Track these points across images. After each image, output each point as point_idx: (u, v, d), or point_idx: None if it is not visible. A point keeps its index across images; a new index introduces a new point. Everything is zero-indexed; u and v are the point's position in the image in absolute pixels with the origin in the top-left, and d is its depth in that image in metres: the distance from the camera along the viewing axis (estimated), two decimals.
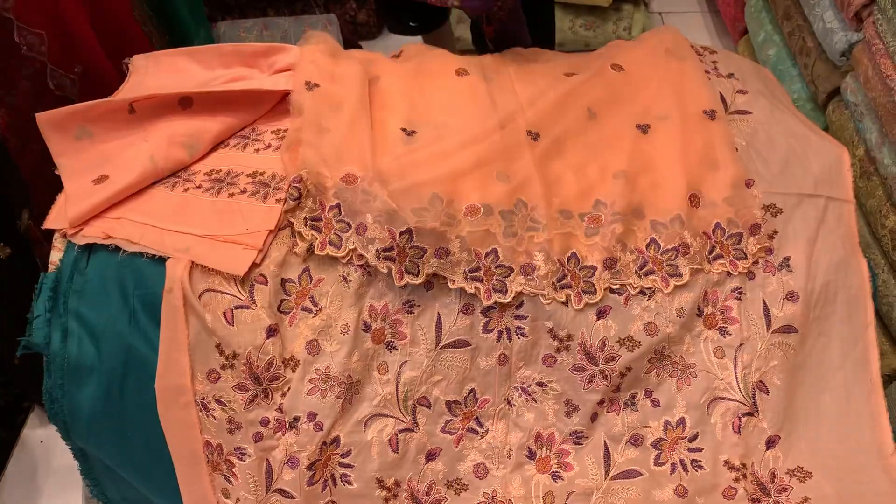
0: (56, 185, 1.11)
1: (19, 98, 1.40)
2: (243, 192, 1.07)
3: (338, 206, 1.02)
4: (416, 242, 0.99)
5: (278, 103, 1.19)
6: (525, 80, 1.22)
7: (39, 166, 1.42)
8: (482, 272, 1.02)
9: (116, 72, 1.51)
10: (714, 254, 1.08)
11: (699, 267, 1.07)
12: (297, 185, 1.02)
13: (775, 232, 1.12)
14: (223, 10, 2.32)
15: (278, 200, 1.04)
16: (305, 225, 1.02)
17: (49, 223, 1.06)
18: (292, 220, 1.02)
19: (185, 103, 1.15)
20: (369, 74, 1.20)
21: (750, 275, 1.09)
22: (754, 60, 2.00)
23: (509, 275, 1.02)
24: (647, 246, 1.07)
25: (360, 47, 2.44)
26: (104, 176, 1.08)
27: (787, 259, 1.10)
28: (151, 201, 1.08)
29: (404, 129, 1.12)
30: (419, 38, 2.09)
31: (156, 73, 1.26)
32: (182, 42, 1.83)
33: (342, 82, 1.15)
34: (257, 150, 1.13)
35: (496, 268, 1.02)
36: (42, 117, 1.10)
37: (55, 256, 1.04)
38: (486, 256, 1.02)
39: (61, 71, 1.36)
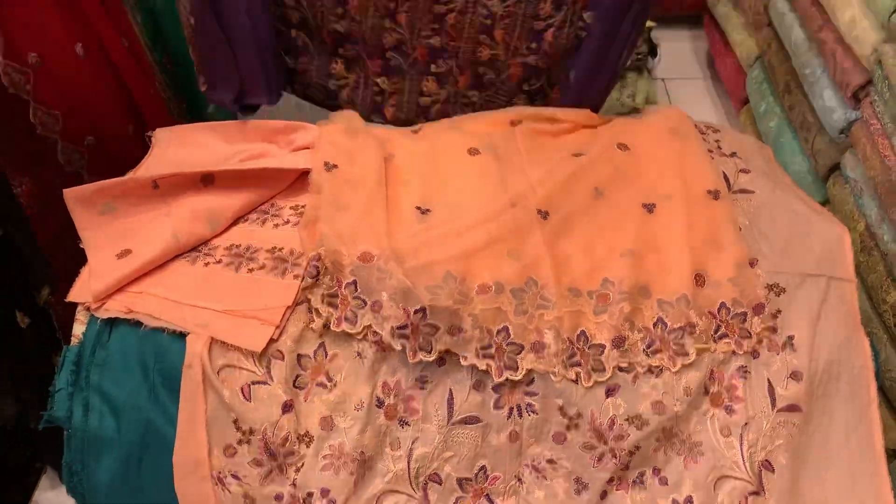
0: (76, 256, 1.15)
1: (44, 170, 1.45)
2: (262, 267, 1.10)
3: (354, 283, 1.05)
4: (429, 320, 1.02)
5: (297, 179, 1.24)
6: (534, 158, 1.26)
7: (60, 236, 1.46)
8: (494, 349, 1.04)
9: (135, 137, 1.57)
10: (720, 333, 1.11)
11: (705, 346, 1.09)
12: (315, 263, 1.05)
13: (779, 311, 1.14)
14: None
15: (296, 276, 1.07)
16: (322, 301, 1.05)
17: (73, 296, 1.09)
18: (310, 296, 1.05)
19: (208, 180, 1.19)
20: (385, 152, 1.25)
21: (755, 354, 1.12)
22: (756, 131, 2.06)
23: (520, 352, 1.05)
24: (655, 325, 1.09)
25: None
26: (127, 250, 1.12)
27: (790, 338, 1.13)
28: (173, 275, 1.11)
29: (419, 208, 1.16)
30: None
31: (178, 146, 1.31)
32: (198, 108, 1.88)
33: (360, 162, 1.20)
34: (276, 226, 1.17)
35: (507, 345, 1.05)
36: (69, 194, 1.14)
37: (78, 329, 1.07)
38: (497, 334, 1.05)
39: (72, 146, 1.41)
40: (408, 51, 1.44)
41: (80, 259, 1.14)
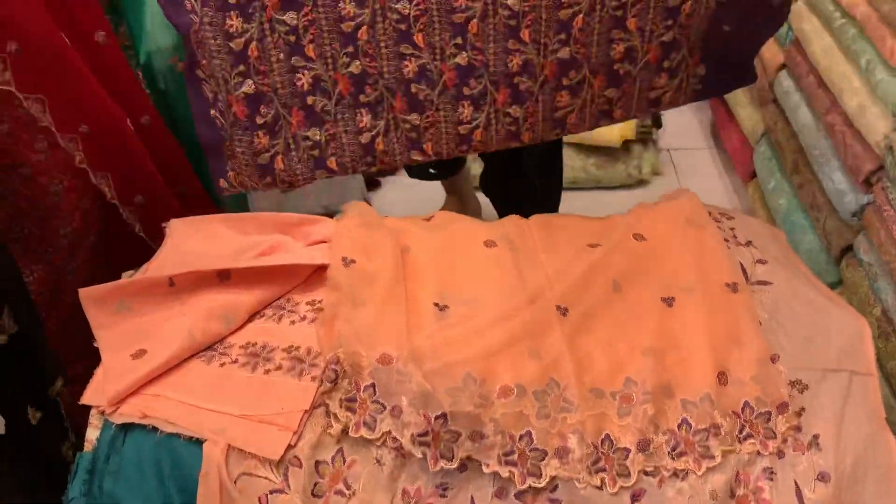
0: (87, 341, 1.14)
1: (55, 255, 1.44)
2: (279, 368, 1.09)
3: (373, 385, 1.04)
4: (451, 426, 1.00)
5: (313, 273, 1.23)
6: (551, 251, 1.26)
7: (70, 322, 1.46)
8: (516, 455, 1.02)
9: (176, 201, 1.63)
10: (744, 433, 1.09)
11: (730, 448, 1.07)
12: (334, 366, 1.04)
13: (802, 409, 1.12)
14: None
15: (313, 378, 1.06)
16: (341, 406, 1.03)
17: (87, 399, 1.07)
18: (328, 401, 1.04)
19: (223, 276, 1.18)
20: (401, 245, 1.24)
21: (780, 454, 1.09)
22: (765, 206, 2.07)
23: (544, 458, 1.03)
24: (679, 426, 1.07)
25: (379, 184, 2.52)
26: (143, 350, 1.10)
27: (815, 437, 1.11)
28: (188, 376, 1.09)
29: (436, 304, 1.15)
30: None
31: (193, 237, 1.31)
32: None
33: (377, 257, 1.19)
34: (293, 322, 1.16)
35: (530, 451, 1.03)
36: (85, 293, 1.13)
37: (92, 434, 1.05)
38: (520, 439, 1.03)
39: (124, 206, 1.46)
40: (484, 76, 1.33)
41: (90, 345, 1.13)
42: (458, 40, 1.26)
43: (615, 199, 2.47)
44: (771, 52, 2.06)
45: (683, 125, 2.80)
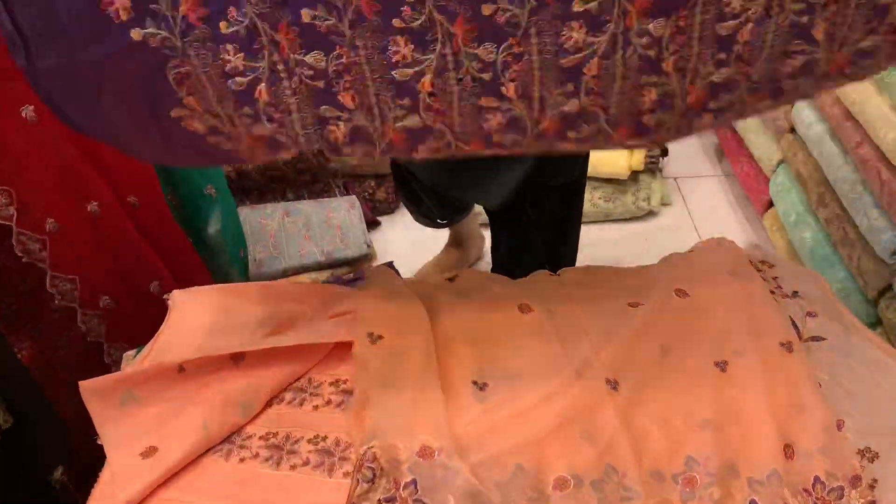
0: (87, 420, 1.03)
1: (45, 332, 1.33)
2: (306, 463, 0.98)
3: (414, 482, 0.94)
4: None
5: (334, 348, 1.13)
6: (591, 313, 1.17)
7: (66, 398, 1.34)
8: None
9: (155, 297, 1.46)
10: None
11: None
12: (370, 464, 0.94)
13: (875, 480, 1.04)
14: (243, 192, 2.30)
15: (346, 474, 0.95)
16: None
17: None
18: (364, 502, 0.93)
19: (237, 357, 1.08)
20: (430, 312, 1.15)
21: None
22: (785, 239, 1.99)
23: None
24: None
25: (379, 223, 2.42)
26: (153, 448, 0.99)
27: None
28: (205, 475, 0.98)
29: (475, 383, 1.05)
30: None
31: (198, 311, 1.21)
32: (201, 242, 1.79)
33: (406, 331, 1.09)
34: (316, 407, 1.06)
35: None
36: (86, 387, 1.02)
37: None
38: None
39: (90, 311, 1.30)
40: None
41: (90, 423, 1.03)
42: (570, 87, 0.98)
43: (625, 231, 2.39)
44: None
45: (687, 151, 2.73)
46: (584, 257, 1.76)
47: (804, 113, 1.85)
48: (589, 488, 0.95)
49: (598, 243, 2.32)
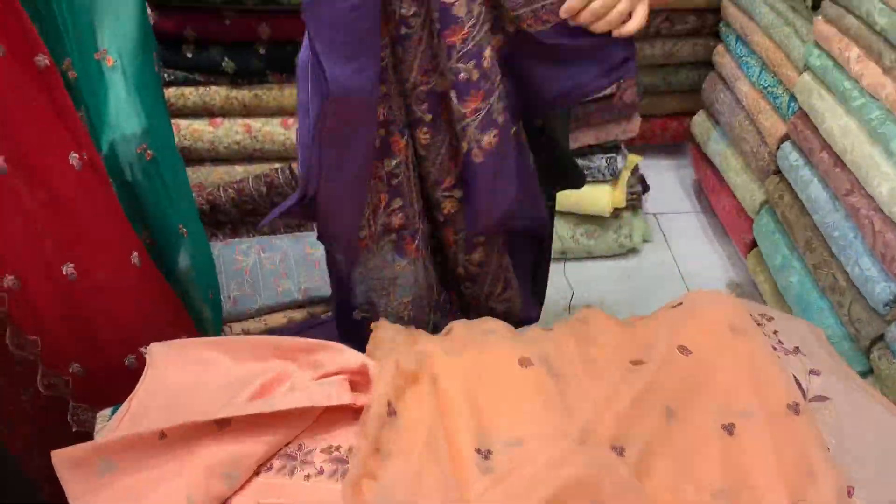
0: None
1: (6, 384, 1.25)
2: None
3: None
4: None
5: (325, 411, 1.06)
6: (593, 372, 1.13)
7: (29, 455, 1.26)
8: None
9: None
10: None
11: None
12: None
13: None
14: (214, 226, 2.22)
15: None
16: None
17: None
18: None
19: (222, 423, 1.01)
20: (427, 373, 1.09)
21: None
22: (770, 281, 1.98)
23: None
24: None
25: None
26: None
27: None
28: None
29: (478, 451, 1.00)
30: None
31: (178, 367, 1.14)
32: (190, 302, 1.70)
33: (409, 398, 1.04)
34: (307, 477, 0.99)
35: None
36: (59, 457, 0.94)
37: None
38: None
39: (55, 374, 1.20)
40: None
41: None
42: None
43: (607, 269, 2.37)
44: (770, 122, 1.99)
45: (665, 186, 2.72)
46: (566, 295, 1.73)
47: (791, 156, 1.84)
48: None
49: (581, 281, 2.29)
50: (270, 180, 2.05)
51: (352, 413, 1.06)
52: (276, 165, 2.08)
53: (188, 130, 1.99)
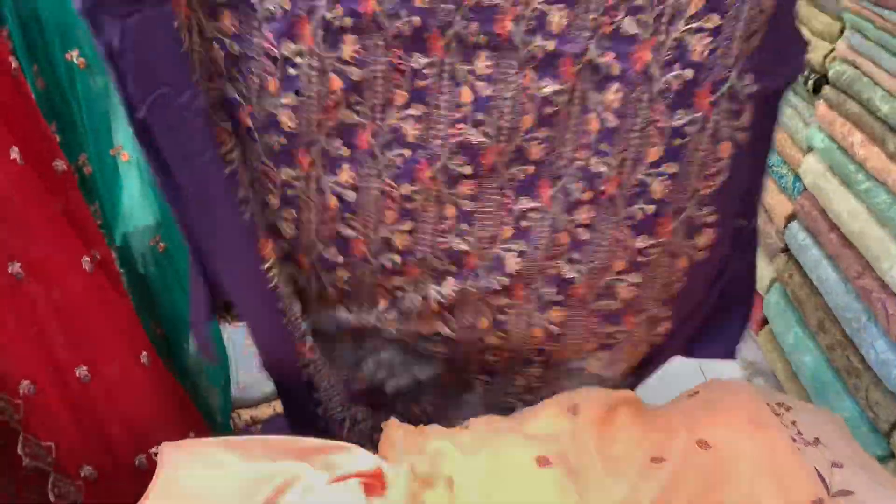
0: None
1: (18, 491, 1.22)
2: None
3: None
4: None
5: None
6: (613, 471, 1.11)
7: None
8: None
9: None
10: None
11: None
12: None
13: None
14: (223, 307, 2.21)
15: None
16: None
17: None
18: None
19: None
20: (442, 475, 1.07)
21: None
22: (783, 359, 1.95)
23: None
24: None
25: None
26: None
27: None
28: None
29: None
30: None
31: (190, 468, 1.12)
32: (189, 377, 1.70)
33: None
34: None
35: None
36: None
37: None
38: None
39: (66, 479, 1.19)
40: None
41: None
42: None
43: None
44: (776, 200, 2.00)
45: None
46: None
47: (799, 235, 1.84)
48: None
49: None
50: None
51: None
52: None
53: None
